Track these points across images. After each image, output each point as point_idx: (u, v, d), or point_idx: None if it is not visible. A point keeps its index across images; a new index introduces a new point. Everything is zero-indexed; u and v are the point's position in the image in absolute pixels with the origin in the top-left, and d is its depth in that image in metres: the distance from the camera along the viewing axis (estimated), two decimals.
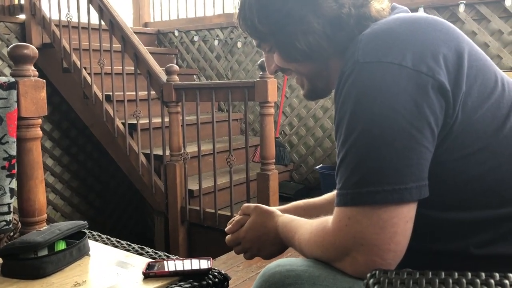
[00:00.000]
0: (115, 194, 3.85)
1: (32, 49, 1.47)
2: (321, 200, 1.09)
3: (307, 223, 0.82)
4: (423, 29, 0.73)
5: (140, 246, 1.23)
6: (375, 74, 0.69)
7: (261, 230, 0.94)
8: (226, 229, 1.00)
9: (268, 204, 2.57)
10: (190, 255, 2.76)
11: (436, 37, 0.72)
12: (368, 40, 0.72)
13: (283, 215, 0.92)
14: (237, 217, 1.00)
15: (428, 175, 0.69)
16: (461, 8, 2.69)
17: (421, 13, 0.84)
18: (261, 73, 2.34)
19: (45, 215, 1.56)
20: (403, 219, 0.67)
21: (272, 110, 2.39)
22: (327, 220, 0.75)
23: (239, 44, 3.65)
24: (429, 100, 0.67)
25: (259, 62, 2.37)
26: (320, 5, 0.79)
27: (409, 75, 0.67)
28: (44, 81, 1.52)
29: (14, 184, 1.44)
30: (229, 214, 2.47)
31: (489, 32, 2.67)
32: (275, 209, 0.97)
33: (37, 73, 1.52)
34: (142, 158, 2.84)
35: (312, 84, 0.90)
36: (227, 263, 2.07)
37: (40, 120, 1.52)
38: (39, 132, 1.52)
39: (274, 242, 0.93)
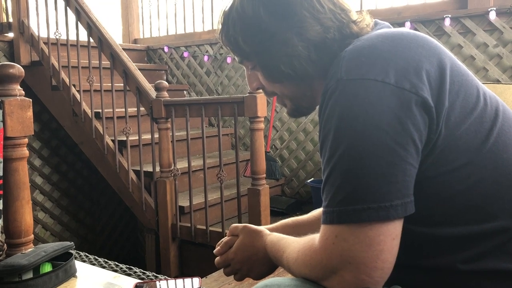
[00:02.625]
0: (105, 211, 3.81)
1: (18, 69, 1.46)
2: (309, 217, 1.08)
3: (295, 241, 0.81)
4: (405, 45, 0.73)
5: (128, 266, 1.21)
6: (358, 91, 0.68)
7: (250, 250, 0.93)
8: (214, 251, 1.00)
9: (259, 219, 2.57)
10: (181, 272, 2.72)
11: (418, 53, 0.72)
12: (351, 57, 0.72)
13: (272, 234, 0.91)
14: (225, 238, 0.99)
15: (413, 191, 0.69)
16: (447, 21, 2.73)
17: (403, 28, 0.84)
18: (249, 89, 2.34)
19: (32, 236, 1.53)
20: (389, 236, 0.67)
21: (262, 125, 2.39)
22: (314, 238, 0.74)
23: (229, 60, 3.66)
24: (412, 116, 0.67)
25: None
26: (306, 28, 0.79)
27: (392, 92, 0.67)
28: (31, 100, 1.51)
29: (0, 205, 1.42)
30: (220, 230, 2.45)
31: (475, 45, 2.71)
32: (263, 228, 0.96)
33: (23, 92, 1.51)
34: (132, 175, 2.82)
35: (295, 104, 0.90)
36: (219, 281, 2.05)
37: (26, 140, 1.51)
38: (26, 152, 1.50)
39: (263, 262, 0.92)
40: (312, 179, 3.18)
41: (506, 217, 0.71)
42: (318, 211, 1.07)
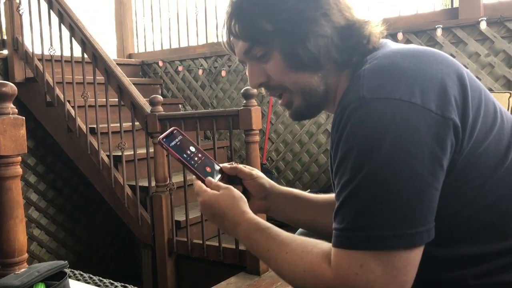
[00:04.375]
0: (101, 227, 3.79)
1: (10, 87, 1.46)
2: (317, 198, 1.03)
3: (289, 245, 0.76)
4: (426, 62, 0.70)
5: (123, 284, 1.20)
6: (384, 111, 0.65)
7: (217, 213, 0.86)
8: (206, 179, 0.92)
9: None
10: (178, 287, 2.70)
11: (439, 69, 0.70)
12: (372, 75, 0.69)
13: (250, 214, 0.84)
14: (218, 182, 0.91)
15: None
16: (439, 32, 2.75)
17: (412, 45, 0.82)
18: (244, 101, 2.35)
19: (26, 255, 1.52)
20: (414, 265, 0.65)
21: (257, 138, 2.39)
22: (324, 256, 0.70)
23: (223, 73, 3.67)
24: (440, 140, 0.65)
25: (242, 90, 2.38)
26: (331, 12, 0.78)
27: (420, 113, 0.65)
28: (24, 118, 1.51)
29: None
30: (217, 244, 2.44)
31: (467, 54, 2.73)
32: (245, 201, 0.87)
33: (16, 110, 1.51)
34: (128, 190, 2.81)
35: (306, 100, 0.84)
36: None
37: (19, 158, 1.50)
38: (19, 170, 1.49)
39: (224, 228, 0.87)
40: (309, 190, 3.17)
41: None
42: (324, 195, 1.03)
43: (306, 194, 1.06)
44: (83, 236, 3.69)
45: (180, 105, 3.92)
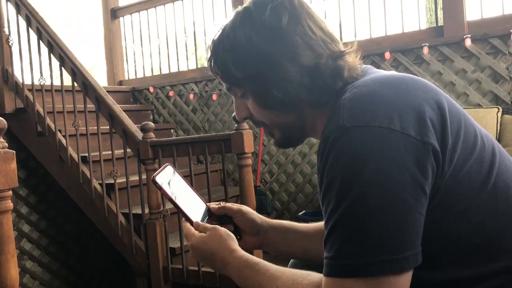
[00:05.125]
0: (95, 256, 3.73)
1: (1, 121, 1.45)
2: (308, 228, 1.05)
3: (279, 278, 0.77)
4: (403, 89, 0.72)
5: None
6: (364, 139, 0.66)
7: (207, 255, 0.88)
8: (194, 222, 0.94)
9: (252, 254, 2.52)
10: None
11: (418, 96, 0.71)
12: (352, 104, 0.71)
13: (239, 251, 0.86)
14: (205, 224, 0.93)
15: None
16: (425, 50, 2.80)
17: (393, 72, 0.84)
18: (236, 125, 2.35)
19: None
20: None
21: (249, 161, 2.39)
22: (315, 287, 0.71)
23: (214, 97, 3.69)
24: (420, 164, 0.66)
25: (233, 114, 2.39)
26: (299, 54, 0.78)
27: (399, 138, 0.66)
28: (14, 152, 1.50)
29: None
30: (213, 270, 2.40)
31: (454, 71, 2.77)
32: (233, 238, 0.89)
33: (6, 144, 1.49)
34: (121, 218, 2.78)
35: (284, 134, 0.88)
36: None
37: (10, 192, 1.48)
38: (10, 205, 1.47)
39: (218, 270, 0.89)
40: (303, 211, 3.16)
41: (510, 257, 0.70)
42: (314, 224, 1.05)
43: (297, 224, 1.07)
44: (77, 267, 3.63)
45: (172, 130, 3.92)
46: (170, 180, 0.96)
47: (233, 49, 0.82)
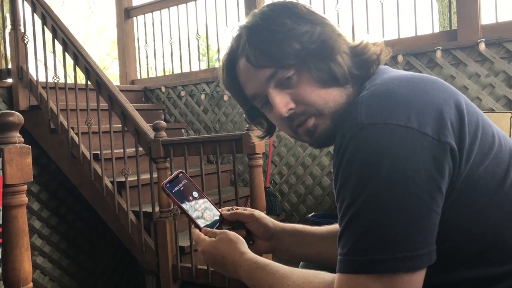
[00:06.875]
0: (105, 254, 3.76)
1: (17, 116, 1.47)
2: (321, 230, 1.04)
3: (290, 278, 0.77)
4: (421, 88, 0.72)
5: None
6: (381, 136, 0.66)
7: (218, 260, 0.89)
8: (202, 228, 0.95)
9: (260, 255, 2.52)
10: None
11: (436, 95, 0.71)
12: (370, 102, 0.71)
13: (249, 254, 0.86)
14: (214, 230, 0.94)
15: None
16: (438, 53, 2.79)
17: (409, 72, 0.84)
18: (247, 125, 2.36)
19: (31, 284, 1.50)
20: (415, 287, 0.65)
21: (260, 161, 2.40)
22: (326, 285, 0.71)
23: (226, 97, 3.70)
24: (437, 163, 0.66)
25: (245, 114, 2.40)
26: (341, 33, 0.84)
27: (416, 137, 0.66)
28: (30, 147, 1.52)
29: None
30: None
31: (467, 75, 2.75)
32: (243, 241, 0.90)
33: (22, 139, 1.51)
34: (132, 216, 2.80)
35: (334, 121, 0.81)
36: None
37: (25, 187, 1.50)
38: (25, 199, 1.49)
39: (229, 273, 0.89)
40: (313, 213, 3.16)
41: None
42: (327, 227, 1.05)
43: (310, 228, 1.07)
44: (87, 263, 3.66)
45: (183, 130, 3.94)
46: (181, 186, 0.97)
47: (281, 27, 0.80)
